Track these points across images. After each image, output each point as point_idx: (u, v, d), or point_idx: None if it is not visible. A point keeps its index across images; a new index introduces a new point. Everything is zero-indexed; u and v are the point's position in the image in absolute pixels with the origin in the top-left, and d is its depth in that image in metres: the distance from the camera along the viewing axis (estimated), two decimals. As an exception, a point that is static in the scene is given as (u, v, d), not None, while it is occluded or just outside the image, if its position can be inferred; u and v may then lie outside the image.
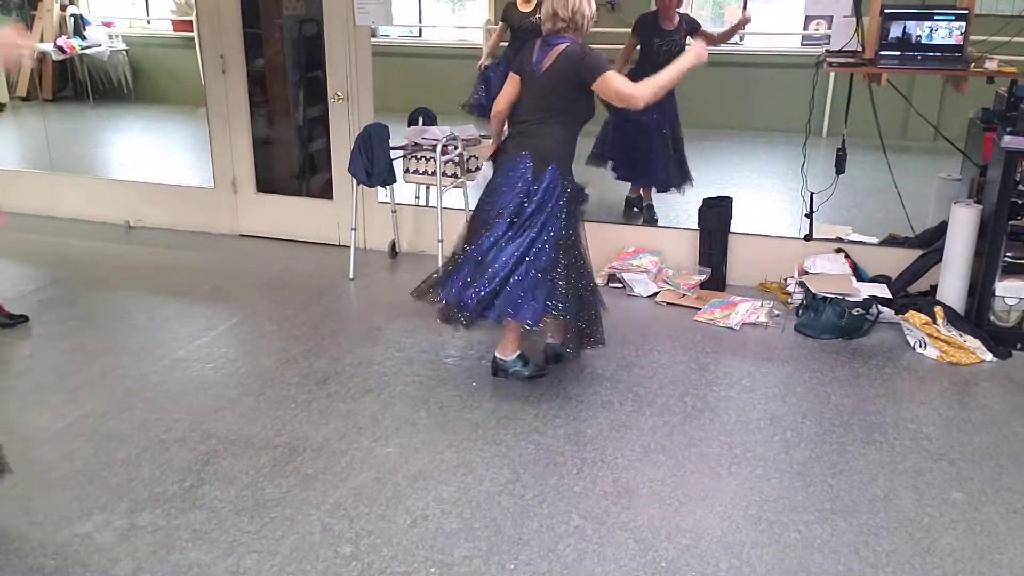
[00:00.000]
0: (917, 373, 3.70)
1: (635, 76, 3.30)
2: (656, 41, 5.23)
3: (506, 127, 3.52)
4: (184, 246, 5.33)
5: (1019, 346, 3.89)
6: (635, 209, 5.64)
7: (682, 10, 5.26)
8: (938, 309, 3.88)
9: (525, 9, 6.06)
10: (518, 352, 3.54)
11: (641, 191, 5.63)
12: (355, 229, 4.80)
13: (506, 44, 6.01)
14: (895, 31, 4.11)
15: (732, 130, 7.44)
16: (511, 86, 3.40)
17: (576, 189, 3.35)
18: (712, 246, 4.57)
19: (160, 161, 7.58)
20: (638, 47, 5.29)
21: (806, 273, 4.31)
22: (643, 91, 3.12)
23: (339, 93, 5.00)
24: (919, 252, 4.35)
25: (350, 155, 4.61)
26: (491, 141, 3.58)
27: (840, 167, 4.50)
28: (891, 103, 4.66)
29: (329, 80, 5.02)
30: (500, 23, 6.15)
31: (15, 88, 8.42)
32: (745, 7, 5.18)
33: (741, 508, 2.73)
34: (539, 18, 6.53)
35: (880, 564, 2.48)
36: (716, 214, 4.56)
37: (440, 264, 3.74)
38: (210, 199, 5.50)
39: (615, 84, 3.12)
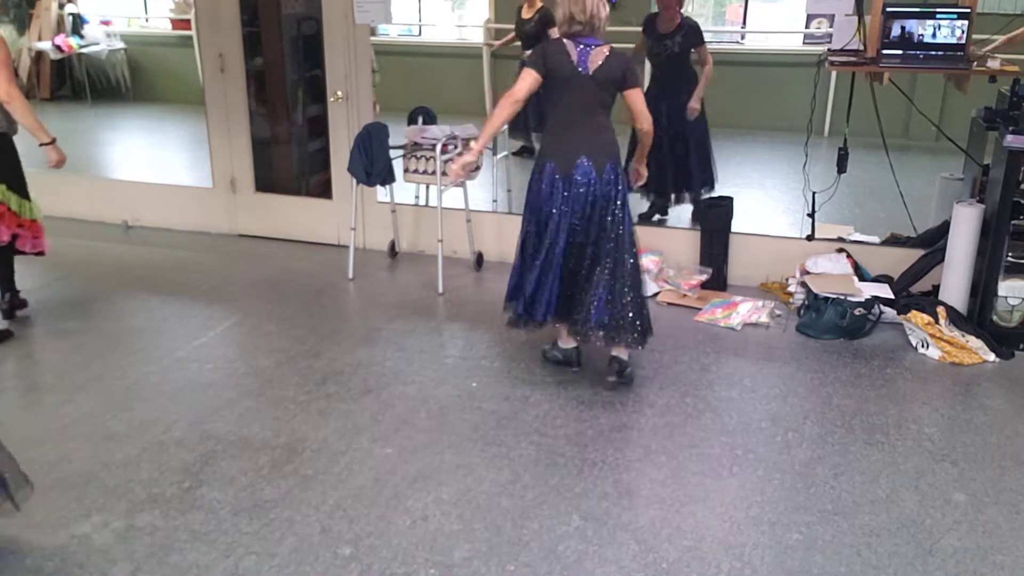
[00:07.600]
0: (919, 374, 3.68)
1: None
2: (651, 43, 5.18)
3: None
4: (182, 246, 5.32)
5: (1021, 346, 3.88)
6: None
7: (685, 13, 5.11)
8: (940, 309, 3.87)
9: (527, 16, 6.42)
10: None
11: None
12: (354, 229, 4.79)
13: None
14: (897, 30, 4.10)
15: (733, 129, 7.43)
16: (533, 81, 3.27)
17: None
18: (713, 246, 4.56)
19: (158, 160, 7.58)
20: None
21: (808, 273, 4.30)
22: (650, 124, 3.37)
23: (339, 92, 4.98)
24: (921, 252, 4.34)
25: (349, 154, 4.60)
26: (485, 134, 3.35)
27: (842, 166, 4.49)
28: (893, 102, 4.66)
29: (328, 79, 5.01)
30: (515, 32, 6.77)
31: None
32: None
33: (742, 509, 2.72)
34: (534, 25, 6.66)
35: (882, 565, 2.47)
36: (717, 214, 4.54)
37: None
38: (209, 199, 5.49)
39: (643, 99, 3.33)
